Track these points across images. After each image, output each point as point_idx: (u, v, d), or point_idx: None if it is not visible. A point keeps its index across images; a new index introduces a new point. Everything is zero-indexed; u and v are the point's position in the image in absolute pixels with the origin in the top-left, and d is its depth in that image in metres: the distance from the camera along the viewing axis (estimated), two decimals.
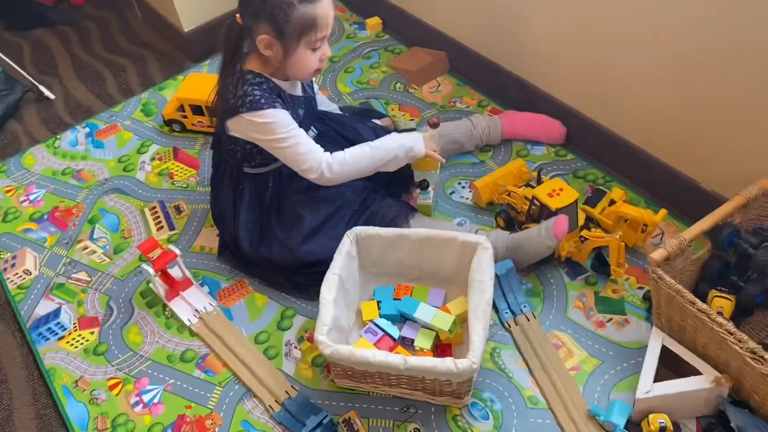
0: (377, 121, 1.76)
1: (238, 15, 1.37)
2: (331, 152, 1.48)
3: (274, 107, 1.39)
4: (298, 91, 1.51)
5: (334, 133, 1.65)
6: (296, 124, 1.43)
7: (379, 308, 1.42)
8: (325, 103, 1.74)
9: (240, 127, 1.43)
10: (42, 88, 2.14)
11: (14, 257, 1.68)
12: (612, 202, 1.51)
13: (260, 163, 1.50)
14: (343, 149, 1.50)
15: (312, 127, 1.60)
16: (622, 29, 1.46)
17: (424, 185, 1.58)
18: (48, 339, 1.50)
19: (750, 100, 1.30)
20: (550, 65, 1.72)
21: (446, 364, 1.17)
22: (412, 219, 1.51)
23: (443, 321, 1.34)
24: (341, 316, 1.34)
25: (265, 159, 1.48)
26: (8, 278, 1.63)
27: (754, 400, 1.17)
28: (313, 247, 1.47)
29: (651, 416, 1.18)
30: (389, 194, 1.59)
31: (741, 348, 1.10)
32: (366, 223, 1.47)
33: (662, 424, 1.16)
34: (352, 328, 1.40)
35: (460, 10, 1.90)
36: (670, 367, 1.26)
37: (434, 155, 1.56)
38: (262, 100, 1.38)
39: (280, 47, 1.36)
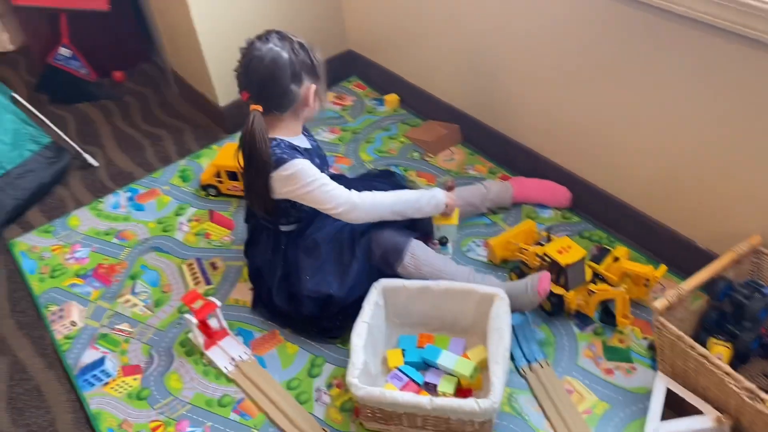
0: None
1: (245, 93, 1.53)
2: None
3: (295, 158, 1.56)
4: (308, 144, 1.68)
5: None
6: (318, 170, 1.59)
7: (403, 356, 1.53)
8: None
9: (275, 186, 1.58)
10: (86, 156, 2.32)
11: (61, 310, 1.81)
12: (616, 259, 1.65)
13: (296, 219, 1.66)
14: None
15: (326, 170, 1.76)
16: (619, 102, 1.64)
17: (443, 241, 1.71)
18: (93, 385, 1.61)
19: (739, 164, 1.46)
20: (553, 135, 1.89)
21: (470, 403, 1.28)
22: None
23: (465, 367, 1.45)
24: (369, 362, 1.46)
25: (297, 213, 1.64)
26: (55, 329, 1.75)
27: None
28: (318, 284, 1.59)
29: None
30: None
31: (738, 388, 1.21)
32: (381, 259, 1.60)
33: None
34: (378, 374, 1.51)
35: (470, 87, 2.10)
36: (674, 409, 1.36)
37: (452, 204, 1.68)
38: (284, 156, 1.55)
39: (318, 90, 1.60)
